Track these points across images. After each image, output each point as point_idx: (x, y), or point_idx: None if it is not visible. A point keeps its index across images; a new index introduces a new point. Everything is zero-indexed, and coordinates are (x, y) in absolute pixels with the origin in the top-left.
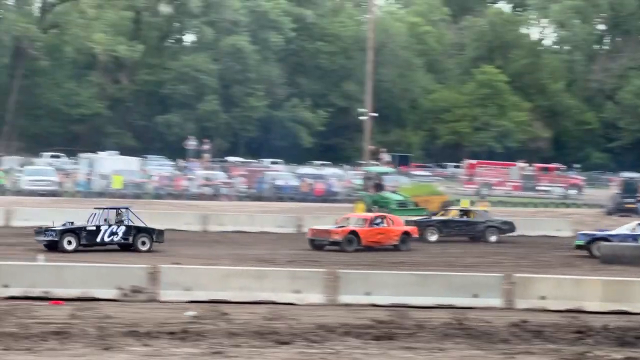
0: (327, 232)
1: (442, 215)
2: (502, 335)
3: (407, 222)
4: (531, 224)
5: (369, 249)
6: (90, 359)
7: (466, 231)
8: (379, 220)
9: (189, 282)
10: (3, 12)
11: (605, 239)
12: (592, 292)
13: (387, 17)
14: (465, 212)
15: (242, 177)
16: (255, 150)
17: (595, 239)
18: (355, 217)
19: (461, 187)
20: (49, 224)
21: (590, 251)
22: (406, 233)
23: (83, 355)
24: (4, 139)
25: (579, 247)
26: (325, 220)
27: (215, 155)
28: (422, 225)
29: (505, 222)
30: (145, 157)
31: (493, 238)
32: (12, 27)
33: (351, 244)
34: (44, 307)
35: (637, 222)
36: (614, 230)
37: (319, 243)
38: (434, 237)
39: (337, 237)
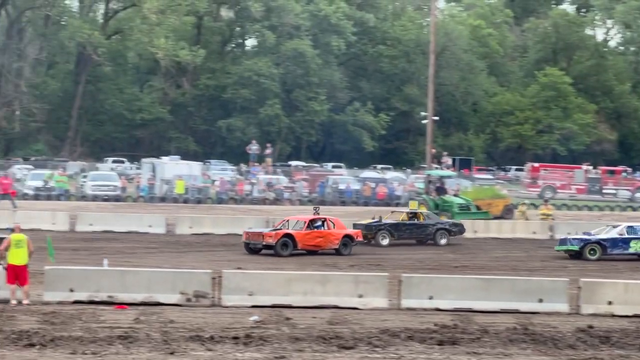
0: (261, 235)
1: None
2: (568, 341)
3: (355, 226)
4: (596, 227)
5: (311, 252)
6: None
7: (417, 234)
8: (318, 223)
9: (252, 287)
10: (67, 19)
11: (598, 243)
12: None
13: (449, 20)
14: (414, 215)
15: (304, 182)
16: (317, 154)
17: (588, 243)
18: (295, 219)
19: (524, 190)
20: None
21: (584, 255)
22: (348, 237)
23: (147, 359)
24: (68, 145)
25: (569, 251)
26: None
27: (277, 160)
28: (373, 229)
29: (455, 224)
30: (208, 162)
31: (443, 241)
32: (76, 34)
33: (286, 248)
34: (109, 312)
35: (625, 225)
36: (602, 234)
37: (253, 247)
38: (385, 241)
39: (270, 241)
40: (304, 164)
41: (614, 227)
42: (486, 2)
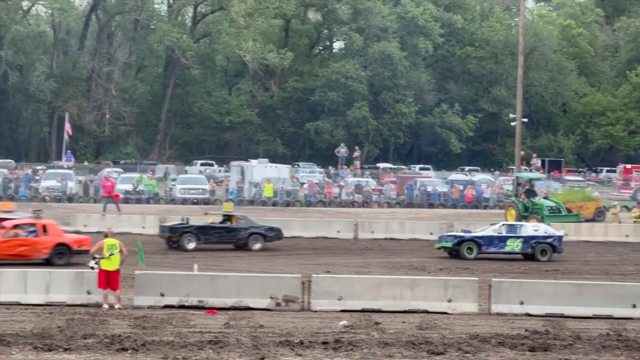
0: None
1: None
2: None
3: (161, 228)
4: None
5: (16, 263)
6: None
7: (227, 238)
8: (23, 230)
9: (341, 291)
10: (156, 23)
11: (473, 241)
12: None
13: (538, 20)
14: (228, 218)
15: (392, 184)
16: (405, 156)
17: (463, 241)
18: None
19: (616, 192)
20: None
21: (460, 252)
22: (62, 245)
23: None
24: (157, 148)
25: (444, 248)
26: (475, 227)
27: (365, 162)
28: (178, 232)
29: (271, 229)
30: (296, 165)
31: (257, 246)
32: (165, 38)
33: None
34: (199, 316)
35: (502, 223)
36: (479, 232)
37: None
38: (191, 245)
39: None
40: (391, 166)
41: (493, 224)
42: (576, 1)
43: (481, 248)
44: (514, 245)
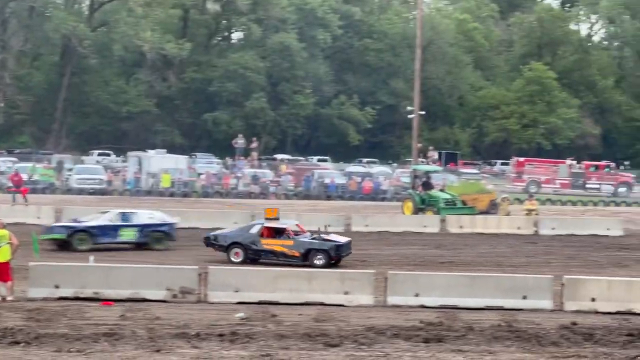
0: None
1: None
2: (552, 338)
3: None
4: (581, 223)
5: None
6: None
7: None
8: None
9: (238, 283)
10: (52, 11)
11: (86, 231)
12: None
13: (435, 13)
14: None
15: (290, 175)
16: (303, 147)
17: (76, 231)
18: None
19: (509, 185)
20: None
21: (72, 244)
22: None
23: (134, 357)
24: (53, 137)
25: (54, 240)
26: (372, 219)
27: (263, 153)
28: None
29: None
30: (194, 155)
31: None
32: (61, 26)
33: None
34: (95, 308)
35: (117, 211)
36: (91, 221)
37: None
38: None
39: None
40: (289, 157)
41: (104, 212)
42: None
43: (95, 239)
44: (129, 235)
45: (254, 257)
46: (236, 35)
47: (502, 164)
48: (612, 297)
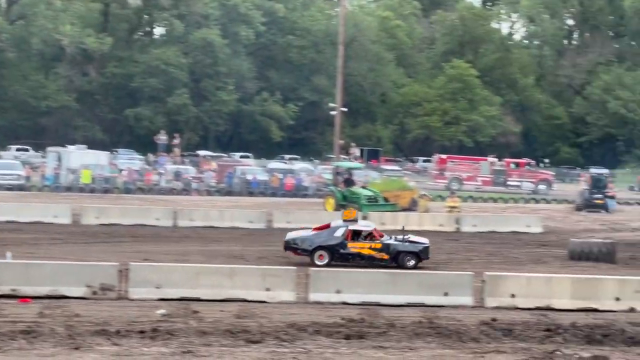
0: None
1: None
2: (472, 334)
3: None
4: (501, 220)
5: None
6: (59, 358)
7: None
8: None
9: (160, 280)
10: None
11: None
12: (561, 289)
13: (358, 11)
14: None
15: (212, 172)
16: (225, 144)
17: None
18: None
19: (431, 182)
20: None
21: None
22: None
23: (52, 355)
24: None
25: None
26: (294, 215)
27: (185, 150)
28: None
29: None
30: (115, 151)
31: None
32: None
33: None
34: (12, 306)
35: None
36: None
37: None
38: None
39: None
40: (212, 154)
41: None
42: None
43: None
44: None
45: (340, 260)
46: (158, 31)
47: (424, 161)
48: (531, 293)
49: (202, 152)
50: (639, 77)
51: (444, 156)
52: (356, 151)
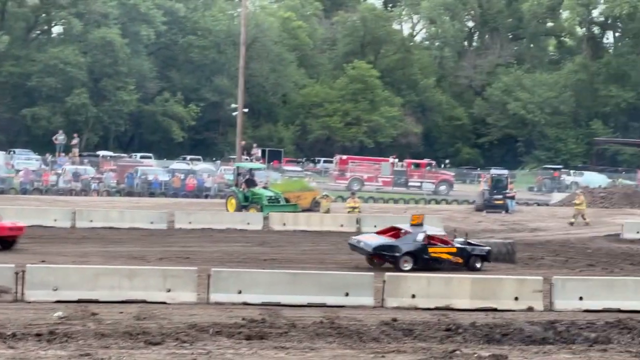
0: None
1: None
2: (373, 334)
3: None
4: (402, 220)
5: None
6: None
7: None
8: None
9: (57, 282)
10: None
11: None
12: (461, 289)
13: (259, 11)
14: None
15: (112, 172)
16: (126, 144)
17: None
18: None
19: (333, 183)
20: None
21: None
22: None
23: None
24: None
25: None
26: (196, 216)
27: (85, 150)
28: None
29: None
30: (12, 151)
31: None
32: None
33: None
34: None
35: None
36: None
37: None
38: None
39: None
40: (112, 154)
41: None
42: None
43: None
44: None
45: (421, 265)
46: (56, 30)
47: (325, 161)
48: (431, 293)
49: (102, 153)
50: (537, 79)
51: (344, 157)
52: (258, 152)
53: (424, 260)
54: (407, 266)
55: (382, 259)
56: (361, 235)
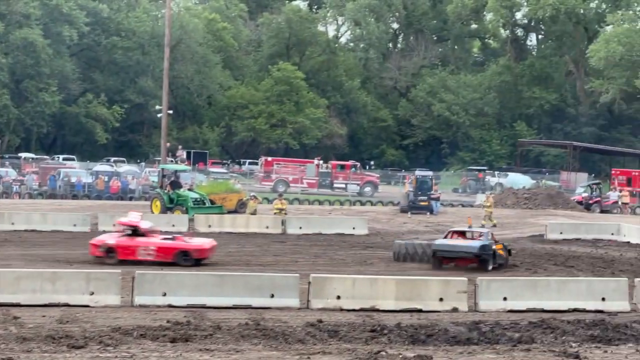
0: None
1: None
2: (298, 336)
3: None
4: (327, 222)
5: None
6: None
7: None
8: None
9: None
10: None
11: None
12: (386, 291)
13: (184, 13)
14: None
15: (34, 174)
16: (48, 146)
17: None
18: None
19: (258, 185)
20: None
21: None
22: None
23: None
24: None
25: None
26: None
27: (6, 152)
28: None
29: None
30: None
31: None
32: None
33: None
34: None
35: None
36: None
37: None
38: None
39: None
40: (34, 156)
41: None
42: None
43: None
44: None
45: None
46: None
47: (251, 163)
48: (356, 294)
49: (23, 155)
50: (462, 81)
51: (270, 159)
52: (183, 154)
53: (494, 257)
54: (491, 265)
55: (478, 261)
56: (444, 240)
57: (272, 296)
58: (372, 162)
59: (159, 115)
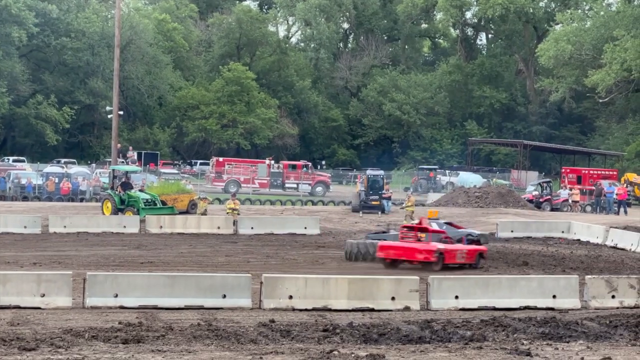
0: None
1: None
2: (250, 336)
3: None
4: (279, 222)
5: None
6: None
7: None
8: None
9: None
10: None
11: None
12: (338, 290)
13: (134, 13)
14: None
15: None
16: None
17: None
18: None
19: (209, 185)
20: None
21: None
22: None
23: None
24: None
25: None
26: (71, 220)
27: None
28: None
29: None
30: None
31: None
32: None
33: None
34: None
35: None
36: None
37: None
38: None
39: None
40: None
41: None
42: None
43: None
44: None
45: None
46: None
47: (202, 164)
48: (308, 294)
49: None
50: (413, 80)
51: (221, 159)
52: (134, 154)
53: None
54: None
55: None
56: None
57: (224, 296)
58: (323, 162)
59: (109, 116)
